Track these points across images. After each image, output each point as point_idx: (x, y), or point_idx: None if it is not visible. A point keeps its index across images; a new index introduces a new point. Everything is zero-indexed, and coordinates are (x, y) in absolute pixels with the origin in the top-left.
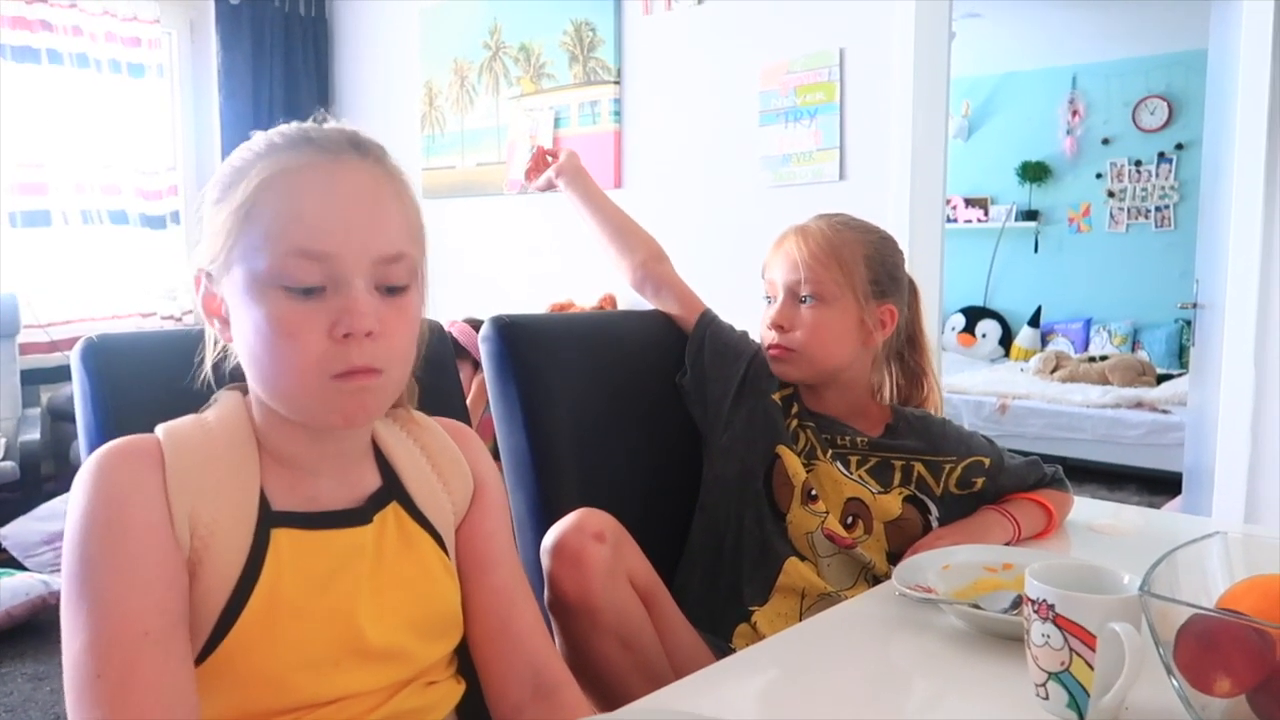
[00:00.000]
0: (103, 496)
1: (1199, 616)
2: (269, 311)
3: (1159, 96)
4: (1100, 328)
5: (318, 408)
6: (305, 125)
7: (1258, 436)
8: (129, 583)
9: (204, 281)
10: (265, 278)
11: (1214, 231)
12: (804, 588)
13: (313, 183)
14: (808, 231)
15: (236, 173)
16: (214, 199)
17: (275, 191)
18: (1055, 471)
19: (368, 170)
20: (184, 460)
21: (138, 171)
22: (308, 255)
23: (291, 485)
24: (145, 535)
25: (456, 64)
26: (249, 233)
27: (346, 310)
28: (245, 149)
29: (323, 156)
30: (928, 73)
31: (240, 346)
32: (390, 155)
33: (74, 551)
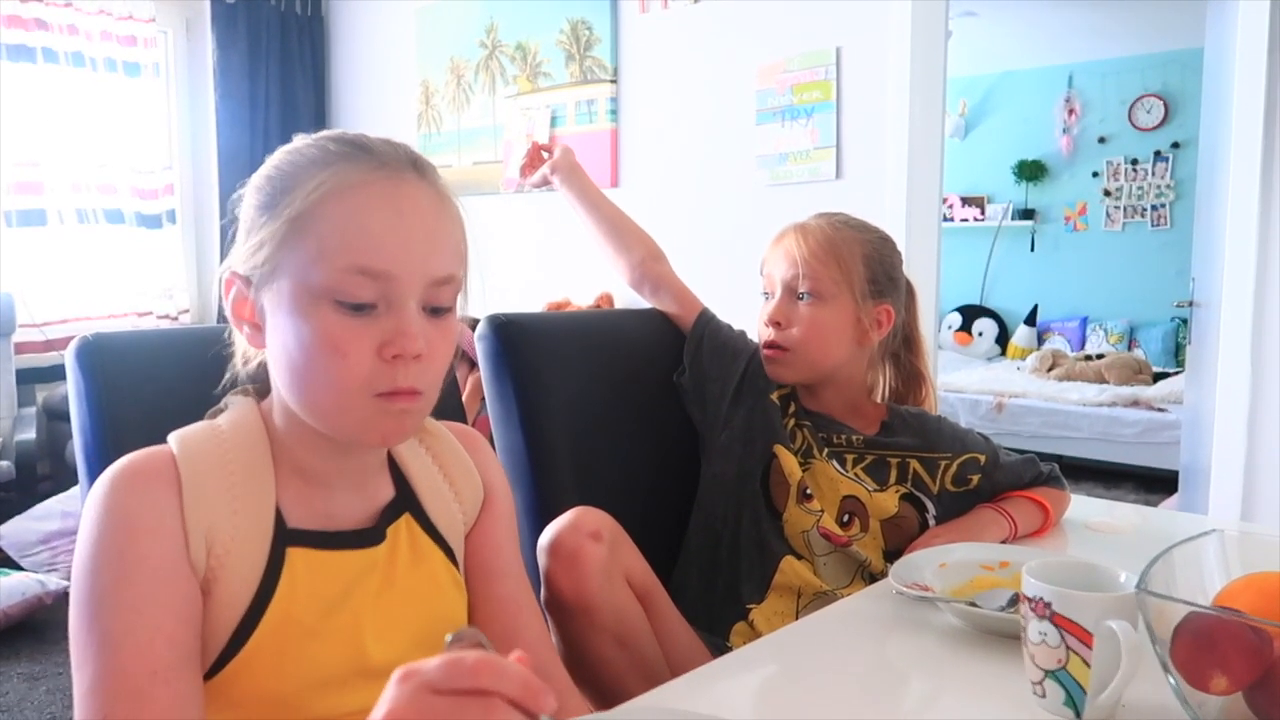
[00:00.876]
0: (115, 524)
1: (1196, 614)
2: (318, 326)
3: (1155, 95)
4: (1096, 326)
5: (357, 426)
6: (358, 136)
7: (1254, 434)
8: (138, 619)
9: (237, 285)
10: (318, 291)
11: (1210, 230)
12: (800, 586)
13: (377, 200)
14: (807, 229)
15: (287, 179)
16: (258, 203)
17: (336, 205)
18: (1052, 469)
19: (426, 191)
20: (200, 478)
21: (133, 170)
22: (367, 273)
23: (307, 499)
24: (159, 567)
25: (453, 63)
26: (303, 244)
27: (400, 332)
28: (294, 154)
29: (385, 174)
30: (924, 71)
31: (277, 356)
32: (440, 177)
33: (84, 581)
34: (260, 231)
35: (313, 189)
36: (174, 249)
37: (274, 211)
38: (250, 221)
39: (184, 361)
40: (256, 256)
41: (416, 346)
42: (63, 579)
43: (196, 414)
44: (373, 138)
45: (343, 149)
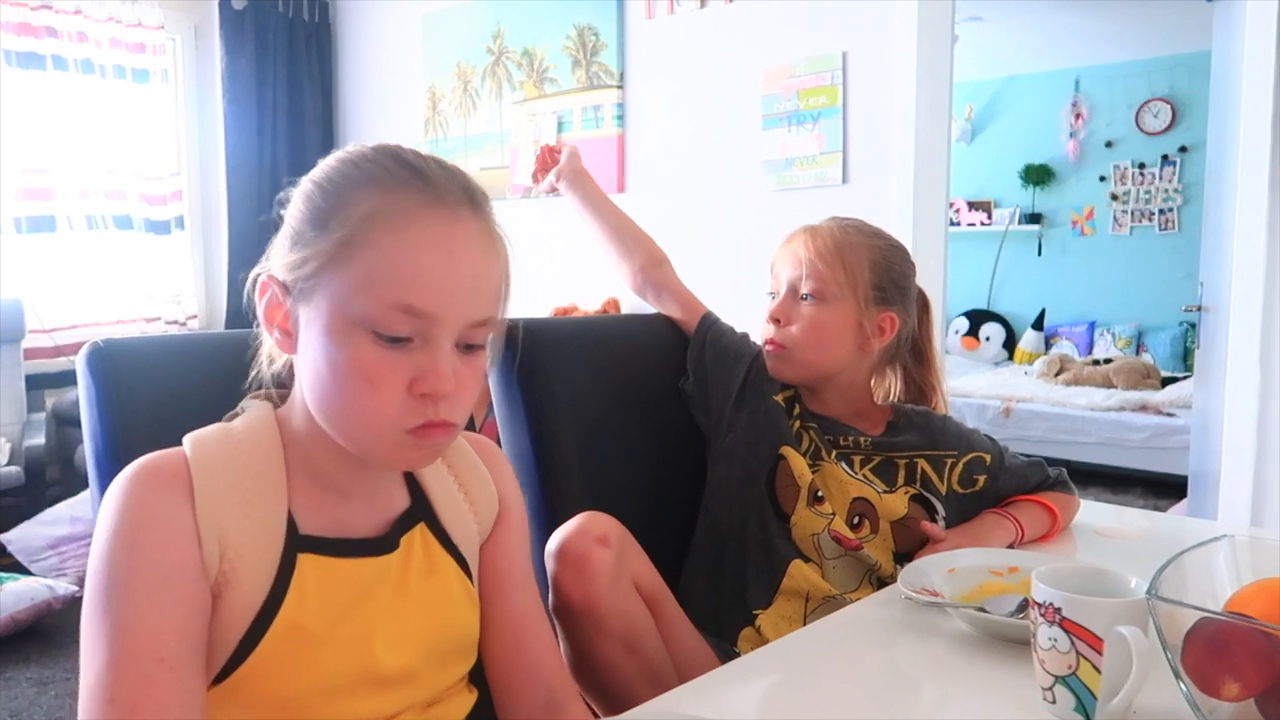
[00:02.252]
0: (130, 520)
1: (1207, 620)
2: (353, 354)
3: (1162, 99)
4: (1104, 331)
5: (384, 454)
6: (416, 158)
7: (1263, 439)
8: (149, 608)
9: (273, 289)
10: (357, 320)
11: (1218, 234)
12: (808, 590)
13: (430, 238)
14: (817, 231)
15: (339, 192)
16: (306, 212)
17: (387, 236)
18: (1059, 474)
19: (479, 230)
20: (213, 482)
21: (142, 177)
22: (409, 311)
23: (320, 505)
24: (171, 563)
25: (459, 68)
26: (347, 268)
27: (432, 371)
28: (349, 166)
29: (441, 209)
30: (930, 76)
31: (308, 371)
32: (491, 209)
33: (98, 572)
34: (306, 246)
35: (365, 212)
36: (182, 254)
37: (323, 227)
38: (296, 230)
39: (194, 367)
40: (300, 270)
41: (447, 387)
42: (71, 584)
43: (206, 420)
44: (430, 161)
45: (400, 172)
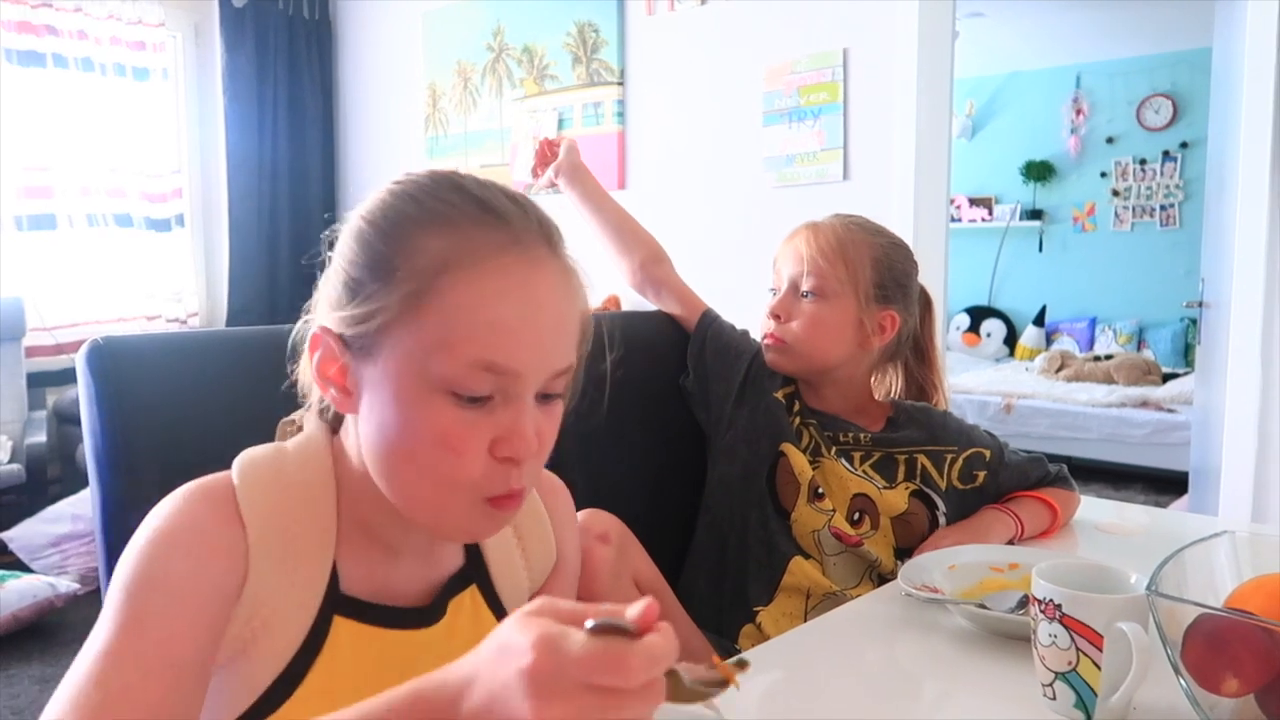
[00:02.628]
0: (175, 526)
1: (1207, 616)
2: (432, 418)
3: (1163, 95)
4: (1105, 327)
5: (453, 524)
6: (482, 189)
7: (1264, 435)
8: (172, 611)
9: (328, 343)
10: (435, 382)
11: (1219, 230)
12: (809, 587)
13: (511, 287)
14: (820, 228)
15: (400, 233)
16: (363, 257)
17: (465, 288)
18: (1060, 470)
19: (558, 271)
20: (267, 537)
21: (143, 175)
22: (493, 370)
23: (367, 562)
24: (206, 578)
25: (460, 66)
26: (419, 324)
27: (517, 433)
28: (407, 200)
29: (520, 251)
30: (931, 72)
31: (373, 434)
32: (564, 239)
33: (126, 568)
34: (369, 299)
35: (435, 259)
36: (183, 252)
37: (386, 277)
38: (354, 278)
39: (195, 365)
40: (362, 326)
41: (531, 448)
42: (73, 581)
43: (207, 418)
44: (497, 192)
45: (469, 209)
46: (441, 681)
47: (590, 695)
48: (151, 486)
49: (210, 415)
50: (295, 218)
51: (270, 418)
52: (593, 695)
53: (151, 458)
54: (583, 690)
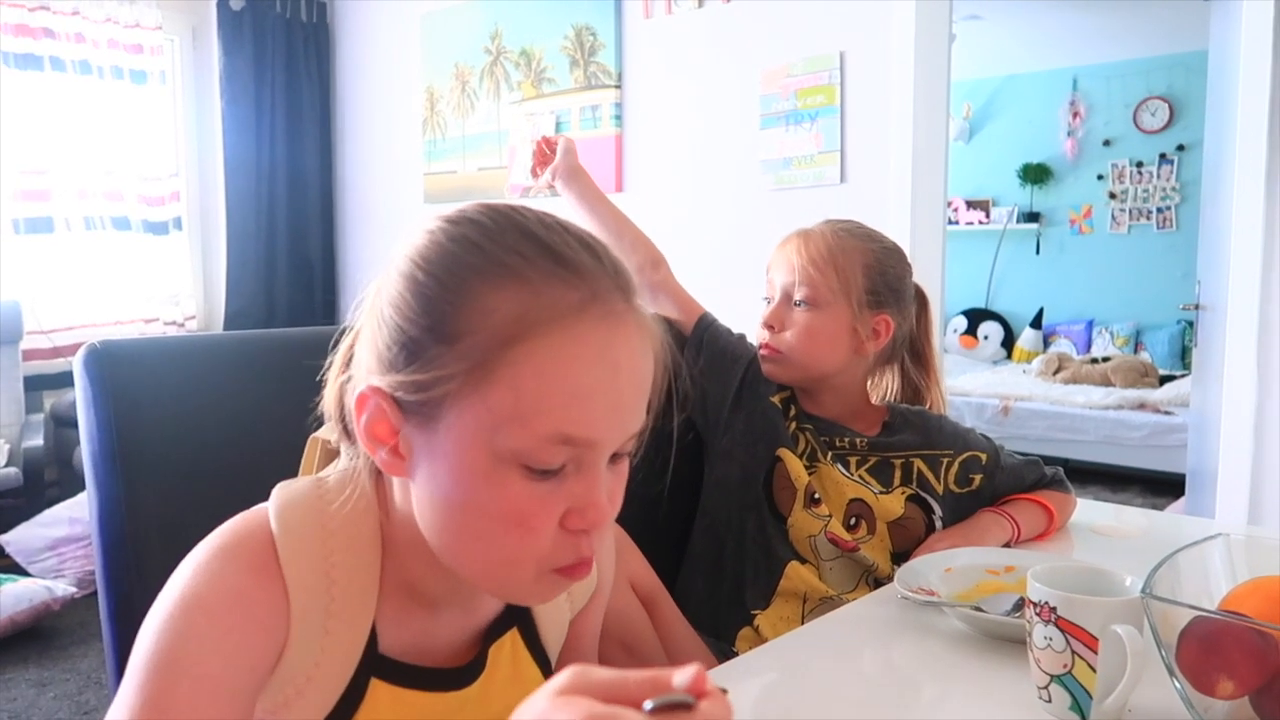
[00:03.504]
0: (204, 598)
1: (1201, 618)
2: (500, 493)
3: (1160, 98)
4: (1102, 329)
5: (520, 593)
6: (550, 233)
7: (1260, 438)
8: (202, 699)
9: (376, 402)
10: (506, 455)
11: (1215, 232)
12: (806, 591)
13: (592, 353)
14: (811, 235)
15: (461, 285)
16: (417, 313)
17: (542, 355)
18: (1056, 472)
19: (635, 326)
20: (309, 598)
21: (140, 178)
22: (570, 442)
23: (407, 618)
24: (233, 662)
25: (457, 69)
26: (488, 393)
27: (591, 504)
28: (465, 246)
29: (598, 309)
30: (928, 75)
31: (432, 504)
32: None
33: (149, 637)
34: (430, 363)
35: (507, 322)
36: (181, 256)
37: (451, 341)
38: (410, 337)
39: (192, 368)
40: (422, 394)
41: (606, 520)
42: (70, 585)
43: (206, 422)
44: (566, 237)
45: (541, 260)
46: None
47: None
48: (149, 490)
49: (208, 419)
50: (293, 221)
51: (268, 421)
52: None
53: (149, 461)
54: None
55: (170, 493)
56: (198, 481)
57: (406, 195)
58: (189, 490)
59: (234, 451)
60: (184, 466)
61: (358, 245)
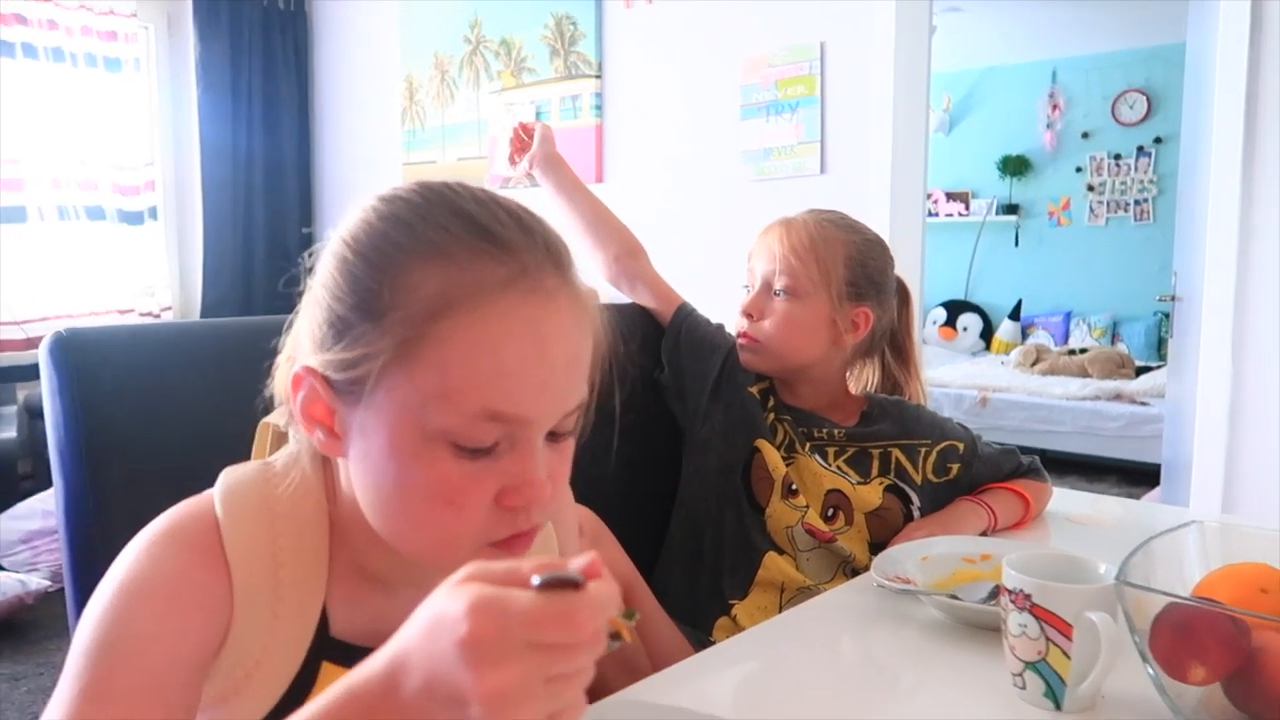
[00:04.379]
0: (143, 582)
1: (1175, 605)
2: (431, 473)
3: (1138, 90)
4: (1080, 321)
5: (456, 567)
6: (481, 208)
7: (1235, 428)
8: (131, 683)
9: (311, 384)
10: (434, 433)
11: (1192, 225)
12: (783, 582)
13: (518, 327)
14: (793, 225)
15: (388, 263)
16: (346, 292)
17: (466, 331)
18: (1032, 461)
19: (569, 301)
20: (254, 581)
21: (115, 167)
22: (499, 419)
23: (359, 599)
24: (175, 644)
25: (437, 58)
26: (415, 371)
27: (525, 481)
28: (393, 224)
29: (526, 284)
30: (908, 67)
31: (367, 482)
32: (574, 256)
33: (89, 626)
34: (357, 342)
35: (432, 298)
36: (156, 246)
37: (376, 318)
38: (339, 316)
39: (162, 357)
40: (350, 372)
41: (544, 496)
42: (44, 578)
43: (175, 411)
44: (497, 210)
45: (468, 236)
46: (370, 672)
47: (537, 654)
48: (117, 482)
49: (178, 408)
50: (271, 210)
51: (240, 411)
52: (539, 654)
53: (118, 451)
54: (529, 650)
55: (140, 483)
56: (169, 472)
57: (385, 184)
58: (159, 481)
59: (205, 441)
60: (154, 456)
61: None
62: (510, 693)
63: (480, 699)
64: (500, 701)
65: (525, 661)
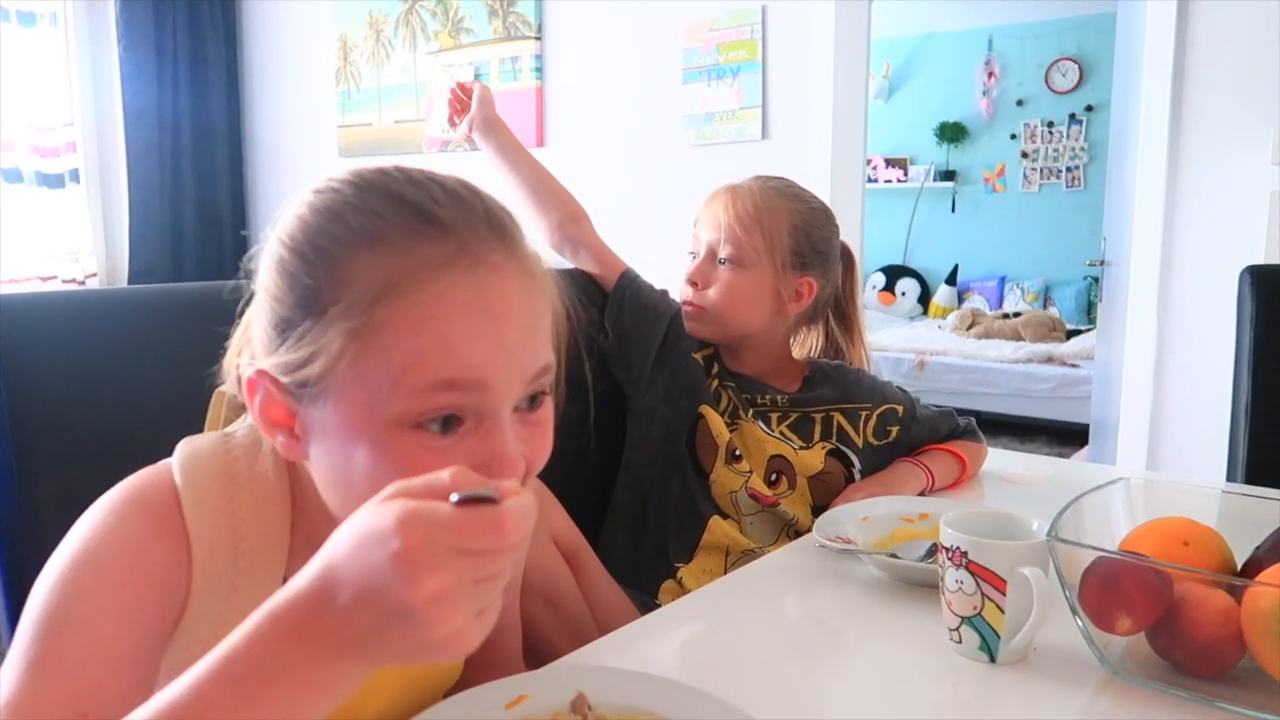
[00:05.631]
0: (102, 546)
1: (1102, 559)
2: (394, 458)
3: (1070, 59)
4: (1014, 285)
5: None
6: (416, 190)
7: (1159, 388)
8: (85, 653)
9: (265, 387)
10: (392, 420)
11: (1121, 191)
12: (728, 545)
13: (461, 304)
14: (738, 193)
15: (326, 258)
16: (287, 292)
17: (406, 314)
18: (969, 423)
19: (515, 272)
20: (214, 553)
21: (32, 127)
22: (454, 387)
23: None
24: (132, 609)
25: (371, 17)
26: (364, 363)
27: (495, 456)
28: (328, 217)
29: (466, 261)
30: (849, 33)
31: (332, 479)
32: (522, 227)
33: (42, 593)
34: (303, 340)
35: (372, 288)
36: (79, 209)
37: (318, 314)
38: (282, 316)
39: (91, 326)
40: (301, 372)
41: (515, 471)
42: None
43: (102, 381)
44: (433, 187)
45: (403, 219)
46: (295, 593)
47: (464, 559)
48: (43, 454)
49: (106, 378)
50: (200, 173)
51: (174, 382)
52: (467, 559)
53: (43, 423)
54: (457, 556)
55: (67, 456)
56: (96, 443)
57: (320, 148)
58: (87, 453)
59: (134, 412)
60: (81, 428)
61: (269, 200)
62: (444, 597)
63: (417, 604)
64: (436, 605)
65: (454, 567)
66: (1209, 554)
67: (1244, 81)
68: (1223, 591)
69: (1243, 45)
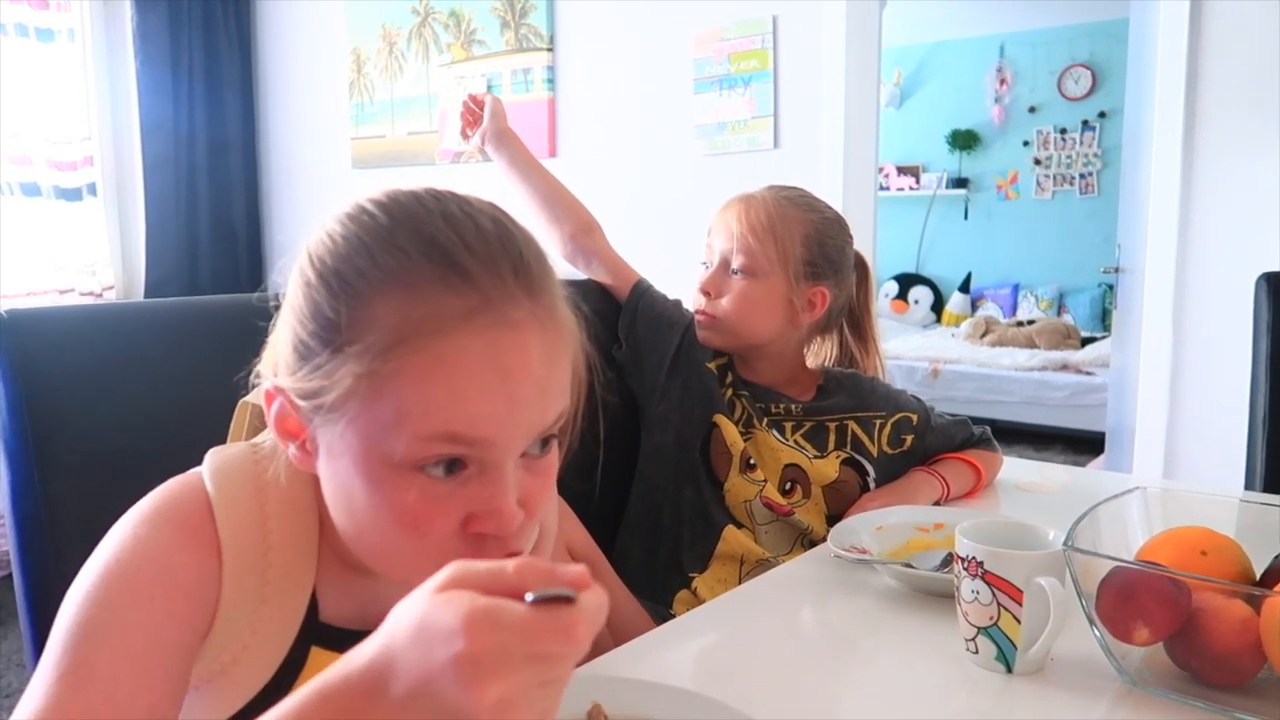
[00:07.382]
0: (134, 561)
1: (1119, 569)
2: (393, 498)
3: (1083, 65)
4: (1028, 293)
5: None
6: (446, 231)
7: (1175, 396)
8: (115, 667)
9: (282, 401)
10: (396, 461)
11: (1135, 197)
12: (742, 554)
13: (477, 359)
14: (752, 202)
15: (351, 293)
16: (310, 319)
17: (419, 360)
18: (983, 432)
19: (537, 327)
20: (244, 562)
21: (49, 142)
22: (459, 440)
23: (347, 585)
24: (164, 627)
25: (385, 30)
26: (375, 403)
27: (493, 508)
28: (359, 247)
29: (488, 314)
30: (859, 40)
31: (336, 495)
32: (553, 272)
33: (72, 607)
34: (319, 371)
35: (389, 332)
36: (96, 223)
37: (335, 349)
38: (303, 341)
39: (109, 339)
40: (315, 400)
41: (512, 525)
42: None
43: (122, 395)
44: (465, 229)
45: (428, 264)
46: (349, 673)
47: (533, 664)
48: (65, 467)
49: (126, 391)
50: (215, 186)
51: (191, 393)
52: (535, 664)
53: (64, 437)
54: (525, 662)
55: (88, 469)
56: (116, 457)
57: (334, 160)
58: (107, 466)
59: (155, 425)
60: (102, 442)
61: (284, 211)
62: (508, 704)
63: (479, 712)
64: (499, 712)
65: (522, 673)
66: (1227, 563)
67: (1258, 86)
68: (1241, 601)
69: (1256, 50)
